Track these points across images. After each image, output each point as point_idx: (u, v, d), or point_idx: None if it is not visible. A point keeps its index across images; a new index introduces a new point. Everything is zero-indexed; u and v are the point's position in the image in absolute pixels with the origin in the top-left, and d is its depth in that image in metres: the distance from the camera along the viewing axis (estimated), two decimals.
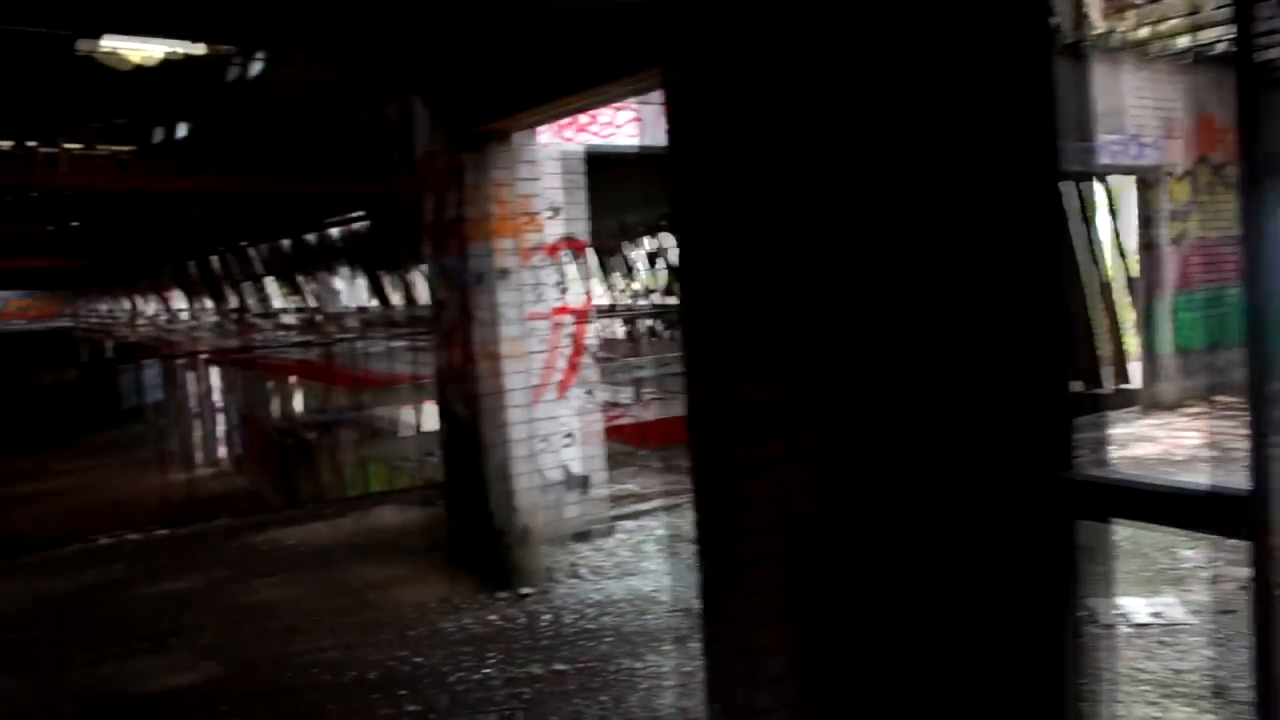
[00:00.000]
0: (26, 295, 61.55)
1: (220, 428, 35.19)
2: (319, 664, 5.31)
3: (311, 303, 33.82)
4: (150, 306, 49.25)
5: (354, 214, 26.40)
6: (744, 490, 3.28)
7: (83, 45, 10.26)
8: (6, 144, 12.96)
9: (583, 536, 6.99)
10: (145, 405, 47.27)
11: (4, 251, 31.12)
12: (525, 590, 6.19)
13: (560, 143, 6.76)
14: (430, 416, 18.42)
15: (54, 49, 10.84)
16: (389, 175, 14.33)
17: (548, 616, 5.85)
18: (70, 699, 5.09)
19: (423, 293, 28.01)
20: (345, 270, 30.71)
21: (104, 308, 60.31)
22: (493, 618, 5.86)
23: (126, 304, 54.89)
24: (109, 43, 10.97)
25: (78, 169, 12.92)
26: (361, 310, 28.95)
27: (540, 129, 6.13)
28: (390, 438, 20.08)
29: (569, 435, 6.68)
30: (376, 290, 29.19)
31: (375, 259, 28.49)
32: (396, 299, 28.65)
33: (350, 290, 31.03)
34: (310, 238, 29.83)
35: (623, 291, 22.70)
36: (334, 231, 28.24)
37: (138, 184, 13.40)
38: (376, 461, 8.85)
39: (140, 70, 11.51)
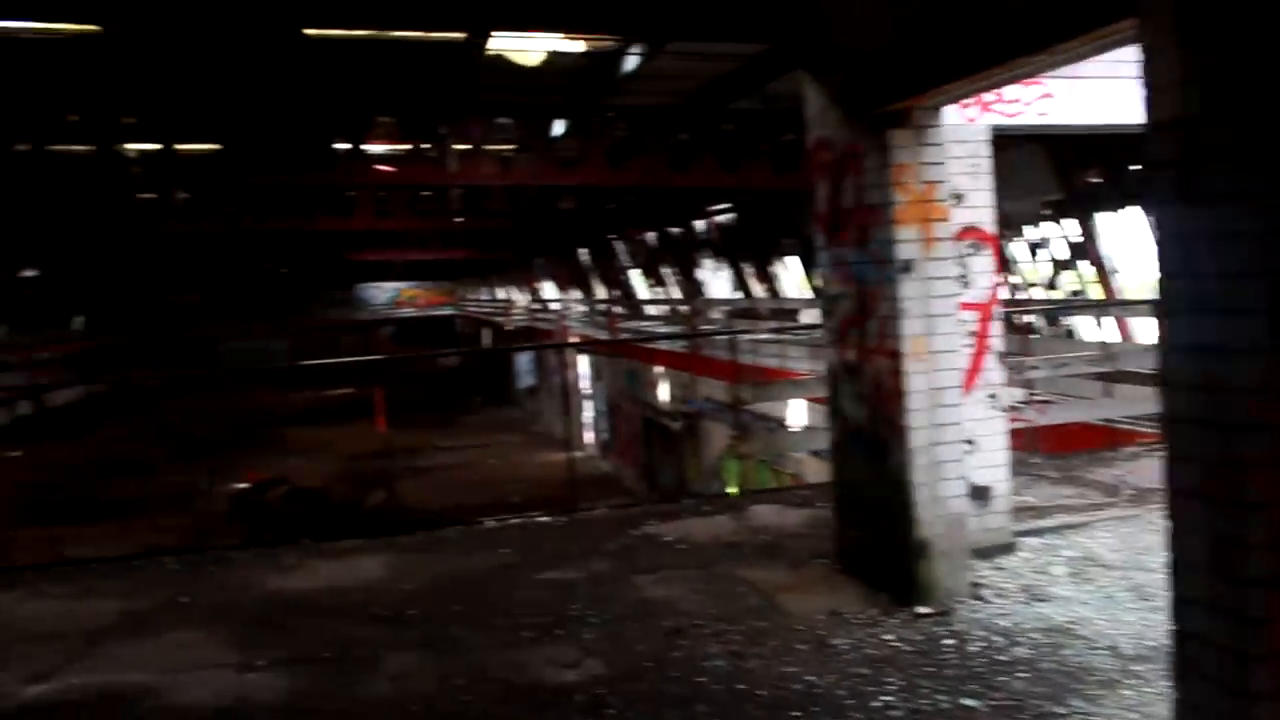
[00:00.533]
0: (415, 285, 67.73)
1: (588, 414, 36.96)
2: (705, 673, 5.07)
3: (675, 294, 34.68)
4: (522, 297, 52.59)
5: (720, 205, 26.66)
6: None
7: (490, 46, 10.80)
8: (404, 146, 13.94)
9: (982, 553, 6.35)
10: (518, 390, 50.76)
11: (398, 244, 34.10)
12: (922, 609, 5.67)
13: (964, 123, 6.17)
14: (803, 413, 18.18)
15: (448, 53, 11.47)
16: (763, 164, 14.18)
17: (949, 641, 5.31)
18: (463, 682, 5.15)
19: (788, 286, 27.90)
20: (710, 263, 31.13)
21: (481, 297, 65.20)
22: (888, 637, 5.40)
23: (501, 294, 58.99)
24: (496, 43, 11.50)
25: (465, 167, 13.76)
26: (726, 303, 29.19)
27: (947, 108, 5.56)
28: (761, 433, 20.06)
29: (969, 442, 6.07)
30: (740, 283, 29.39)
31: (741, 251, 28.69)
32: (760, 291, 28.72)
33: (714, 282, 31.43)
34: (675, 230, 30.50)
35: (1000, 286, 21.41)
36: (699, 224, 28.68)
37: (518, 180, 14.06)
38: (738, 457, 8.64)
39: (522, 70, 12.03)
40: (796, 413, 18.73)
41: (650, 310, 36.05)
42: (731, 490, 23.35)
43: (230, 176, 13.65)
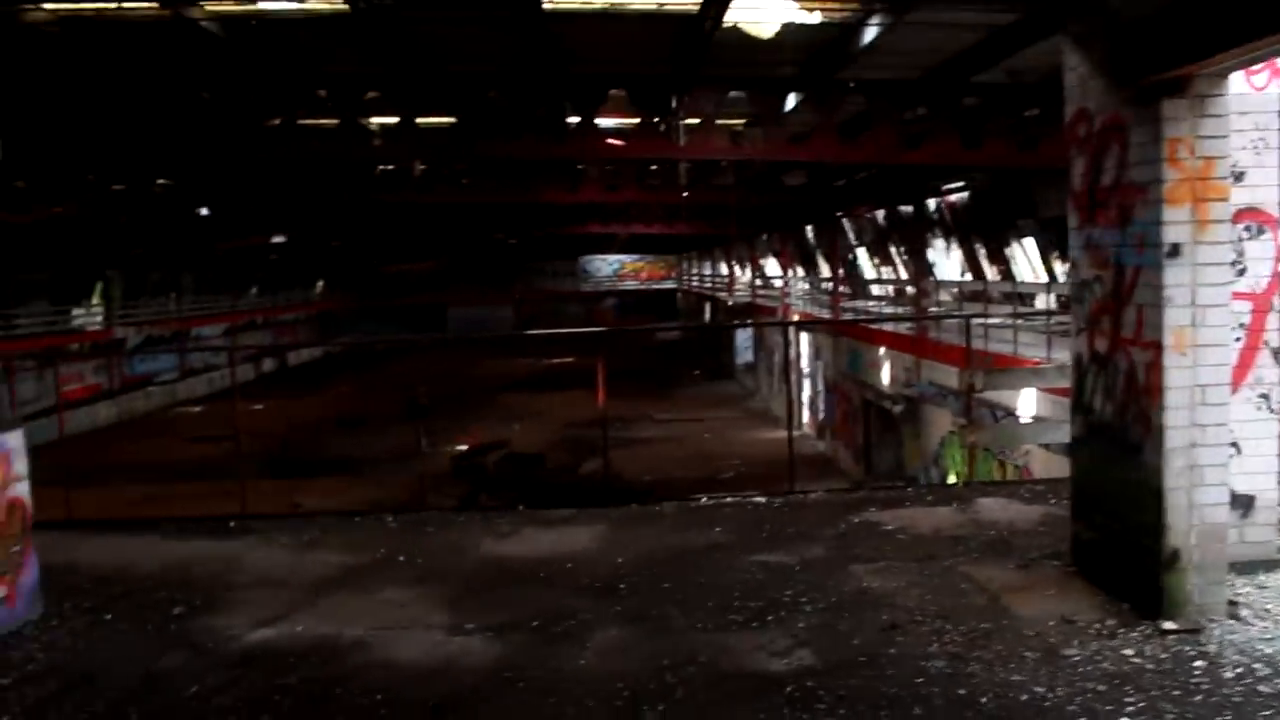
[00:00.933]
0: (638, 259, 68.53)
1: (805, 393, 36.44)
2: (922, 674, 4.80)
3: (902, 274, 33.68)
4: (744, 273, 52.31)
5: (953, 184, 25.64)
6: None
7: (726, 17, 10.63)
8: (634, 120, 13.93)
9: (1242, 569, 5.76)
10: (736, 366, 50.62)
11: (623, 217, 34.44)
12: (1168, 625, 5.18)
13: (1249, 91, 5.55)
14: (1034, 404, 17.26)
15: (682, 25, 11.35)
16: (1004, 141, 13.44)
17: (1199, 664, 4.82)
18: (669, 663, 5.06)
19: (1023, 269, 26.57)
20: (939, 243, 30.06)
21: (704, 272, 65.29)
22: (1127, 652, 4.96)
23: (724, 269, 58.85)
24: (732, 15, 11.28)
25: (695, 141, 13.65)
26: (955, 284, 28.11)
27: (1233, 75, 5.01)
28: (991, 422, 19.22)
29: (1233, 445, 5.51)
30: (972, 264, 28.24)
31: (973, 232, 27.55)
32: (992, 274, 27.50)
33: (943, 263, 30.33)
34: (905, 209, 29.56)
35: None
36: (930, 203, 27.68)
37: (748, 154, 13.86)
38: (965, 446, 8.18)
39: (755, 43, 11.79)
40: (1027, 403, 17.79)
41: (875, 290, 35.19)
42: (953, 479, 22.53)
43: (464, 149, 14.03)
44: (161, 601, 6.30)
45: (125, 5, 10.00)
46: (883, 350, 26.24)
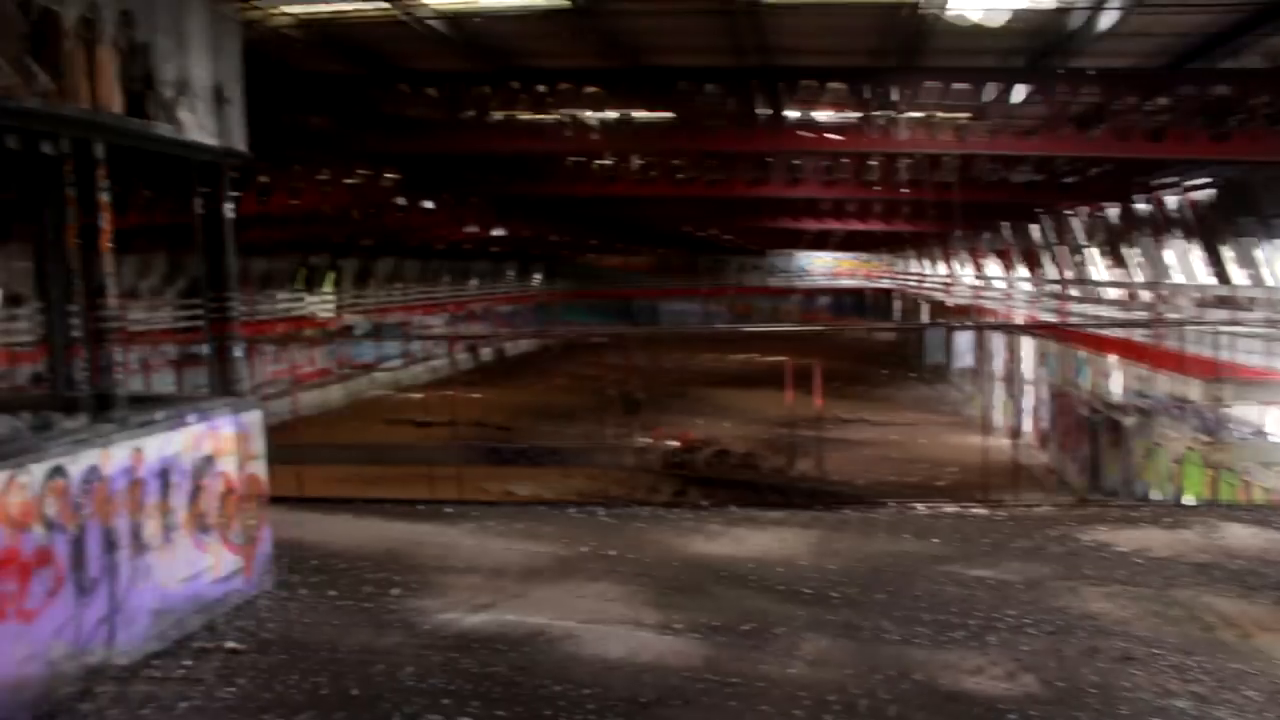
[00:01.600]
0: (854, 256, 67.21)
1: (1028, 400, 34.88)
2: (1162, 713, 4.42)
3: (1137, 277, 31.72)
4: (965, 272, 50.49)
5: (1198, 179, 23.90)
6: None
7: (950, 5, 10.16)
8: (855, 114, 13.54)
9: None
10: (953, 368, 48.95)
11: (842, 213, 33.68)
12: None
13: None
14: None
15: (901, 14, 10.94)
16: (1263, 131, 12.31)
17: None
18: (880, 676, 4.86)
19: (1274, 273, 24.53)
20: (1179, 244, 28.07)
21: (921, 271, 63.35)
22: None
23: (942, 268, 57.01)
24: (957, 2, 10.80)
25: (917, 135, 13.11)
26: (1196, 288, 26.21)
27: None
28: (1239, 441, 17.80)
29: None
30: (1216, 266, 26.29)
31: (1218, 233, 25.63)
32: (1240, 278, 25.52)
33: (1182, 266, 28.36)
34: (1141, 205, 27.78)
35: None
36: (1170, 199, 25.87)
37: (972, 147, 13.21)
38: (1208, 465, 7.49)
39: (980, 31, 11.23)
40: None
41: (1108, 294, 33.19)
42: (1190, 499, 21.05)
43: (682, 142, 13.96)
44: (381, 582, 6.54)
45: (360, 6, 10.45)
46: (1114, 359, 24.82)
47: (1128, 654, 5.05)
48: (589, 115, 14.13)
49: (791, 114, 13.21)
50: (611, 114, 13.50)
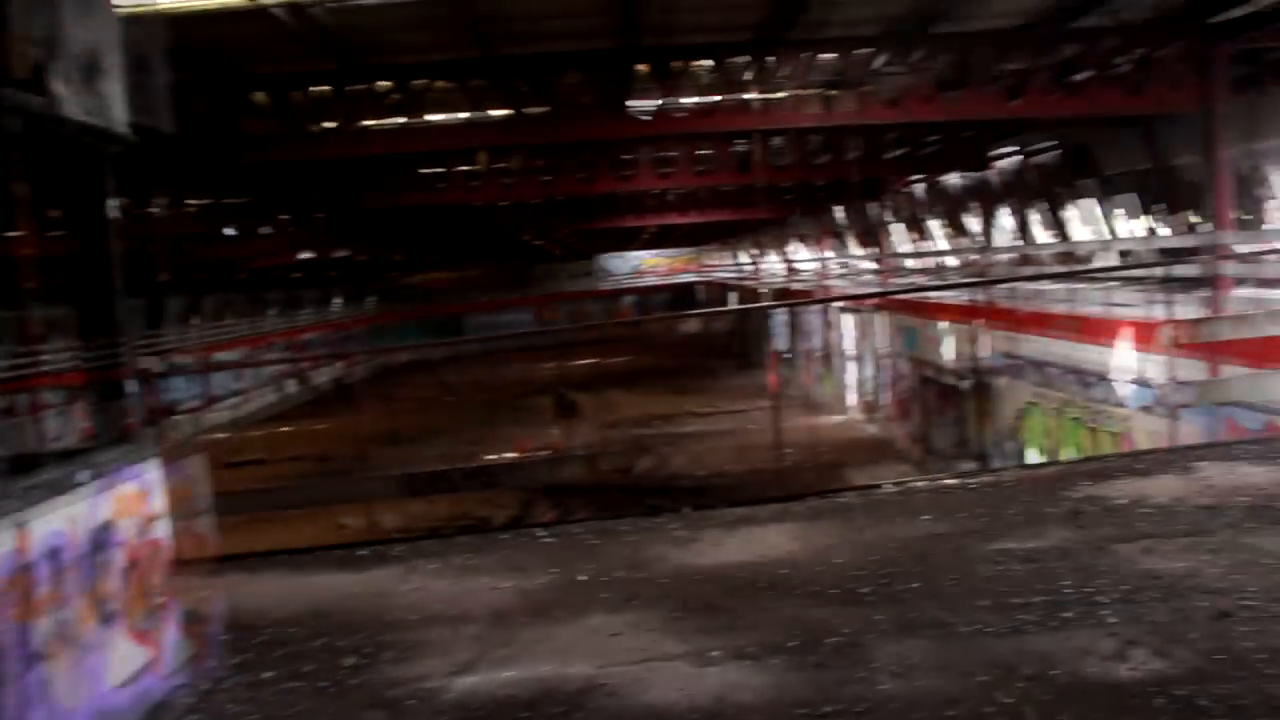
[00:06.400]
0: (688, 252, 67.57)
1: (855, 375, 35.63)
2: None
3: (944, 246, 32.82)
4: (813, 254, 51.24)
5: (1008, 149, 24.76)
6: None
7: None
8: (711, 98, 13.05)
9: None
10: (770, 351, 49.80)
11: (686, 206, 33.39)
12: None
13: None
14: (1132, 362, 16.44)
15: None
16: (1111, 87, 12.60)
17: None
18: (985, 678, 4.28)
19: (1081, 230, 25.63)
20: (991, 210, 29.08)
21: (769, 257, 64.03)
22: None
23: (749, 258, 57.87)
24: None
25: (783, 110, 12.76)
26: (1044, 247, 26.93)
27: None
28: (1078, 387, 18.41)
29: None
30: (1023, 230, 27.38)
31: (1033, 195, 26.69)
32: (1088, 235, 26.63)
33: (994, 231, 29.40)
34: (953, 179, 28.70)
35: None
36: (1001, 165, 26.46)
37: (839, 119, 12.99)
38: (1040, 416, 7.36)
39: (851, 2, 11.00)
40: (1124, 365, 16.96)
41: (945, 262, 34.17)
42: (1034, 452, 21.75)
43: (532, 134, 13.15)
44: (325, 651, 5.47)
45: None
46: (943, 324, 25.43)
47: (1223, 610, 4.64)
48: (443, 114, 13.18)
49: (655, 102, 12.64)
50: (462, 114, 12.58)
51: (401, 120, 12.25)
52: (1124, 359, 16.77)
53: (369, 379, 52.76)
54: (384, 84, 12.60)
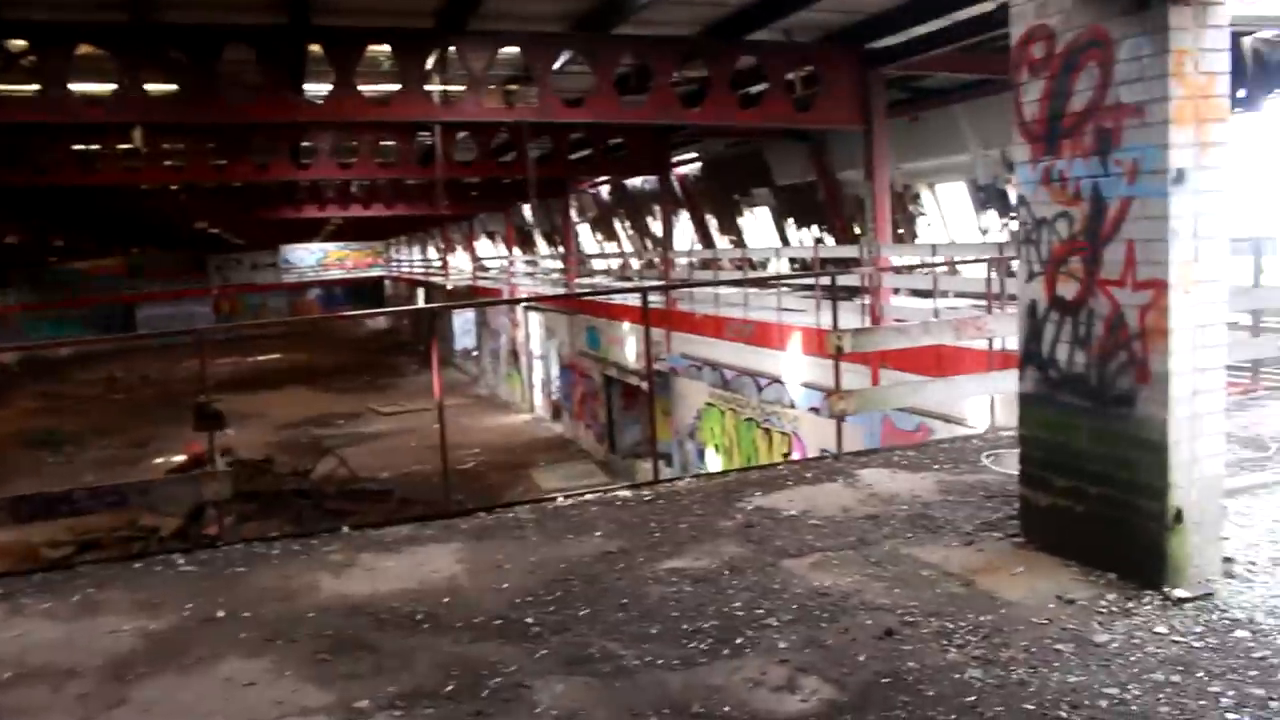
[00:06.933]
0: (346, 247, 65.44)
1: (539, 374, 35.70)
2: (969, 690, 4.01)
3: (628, 249, 33.51)
4: (463, 256, 50.80)
5: (688, 155, 25.51)
6: None
7: None
8: (391, 86, 12.36)
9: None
10: (454, 352, 49.20)
11: (368, 199, 32.18)
12: (1180, 593, 4.70)
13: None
14: (803, 368, 17.23)
15: None
16: (782, 99, 13.05)
17: (1241, 634, 4.34)
18: (654, 717, 4.04)
19: (756, 237, 26.84)
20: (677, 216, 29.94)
21: (418, 256, 63.03)
22: (1161, 630, 4.42)
23: (437, 254, 56.97)
24: None
25: (463, 104, 12.29)
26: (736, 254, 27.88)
27: None
28: (754, 388, 19.13)
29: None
30: (703, 235, 28.40)
31: (710, 200, 27.64)
32: (723, 243, 27.77)
33: (685, 235, 30.26)
34: (636, 183, 29.30)
35: None
36: (679, 171, 27.20)
37: (520, 115, 12.60)
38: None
39: None
40: (793, 369, 17.80)
41: (626, 264, 34.75)
42: (714, 452, 22.47)
43: (194, 112, 11.89)
44: None
45: None
46: (626, 325, 25.83)
47: (888, 629, 4.65)
48: (92, 84, 11.72)
49: (328, 86, 11.80)
50: (114, 86, 11.18)
51: (37, 87, 10.75)
52: (793, 363, 17.57)
53: (20, 373, 47.75)
54: (18, 43, 11.08)
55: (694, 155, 25.57)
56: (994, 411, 9.68)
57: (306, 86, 12.84)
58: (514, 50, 12.02)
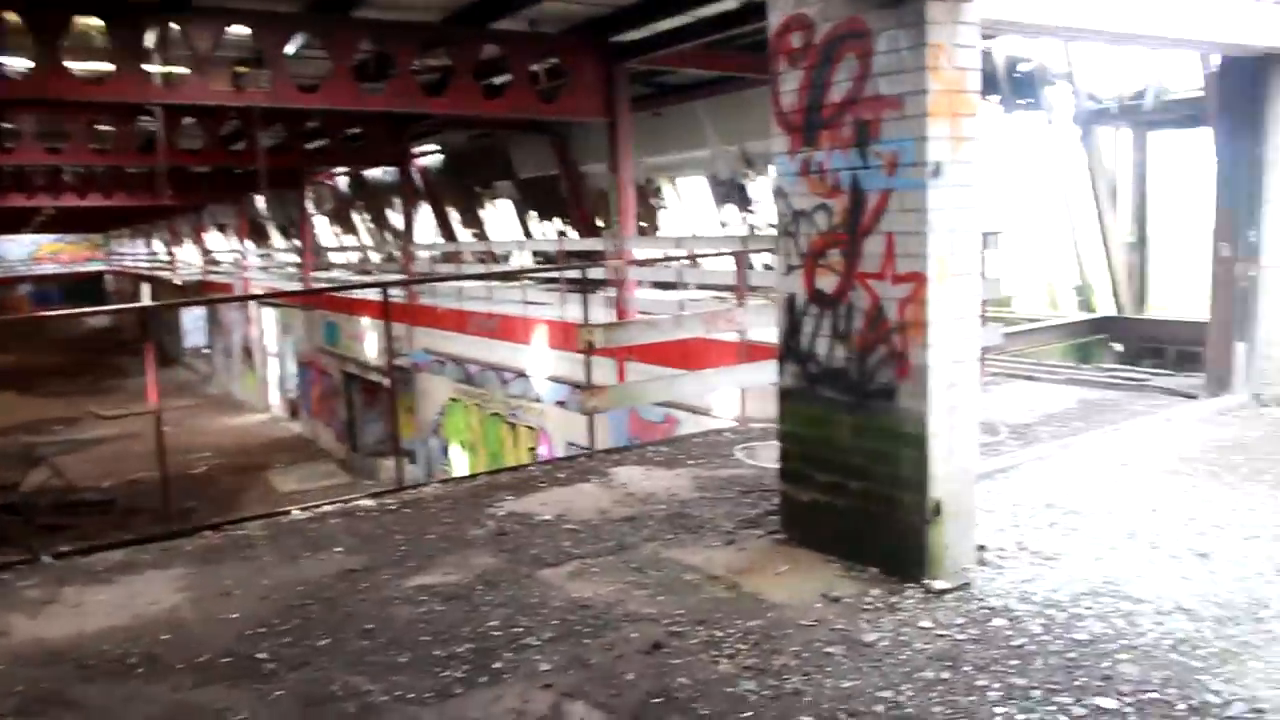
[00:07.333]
0: (62, 239, 60.25)
1: (276, 372, 33.96)
2: (744, 704, 3.81)
3: (368, 242, 32.36)
4: (191, 249, 47.72)
5: (430, 147, 24.81)
6: None
7: None
8: (106, 66, 11.11)
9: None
10: (185, 349, 46.16)
11: (84, 188, 29.45)
12: (939, 585, 4.71)
13: None
14: (548, 361, 16.99)
15: None
16: (526, 90, 12.70)
17: (1000, 623, 4.37)
18: None
19: (499, 230, 26.44)
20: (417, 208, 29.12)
21: (139, 251, 58.75)
22: (926, 624, 4.39)
23: (164, 247, 53.33)
24: None
25: (187, 86, 11.21)
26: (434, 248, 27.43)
27: None
28: (499, 383, 18.72)
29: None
30: (445, 227, 27.72)
31: (453, 193, 26.99)
32: (466, 236, 27.24)
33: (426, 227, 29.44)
34: (375, 173, 28.25)
35: None
36: (421, 163, 26.40)
37: (251, 100, 11.67)
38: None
39: None
40: (539, 361, 17.56)
41: (365, 258, 33.40)
42: (458, 448, 21.95)
43: None
44: None
45: None
46: (366, 320, 24.86)
47: (654, 642, 4.41)
48: None
49: (30, 61, 10.47)
50: None
51: None
52: (538, 357, 17.33)
53: None
54: None
55: (436, 147, 24.90)
56: (744, 403, 9.76)
57: (3, 59, 11.42)
58: (245, 31, 11.08)
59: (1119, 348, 14.03)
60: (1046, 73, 13.61)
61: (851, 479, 5.04)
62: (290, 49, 11.42)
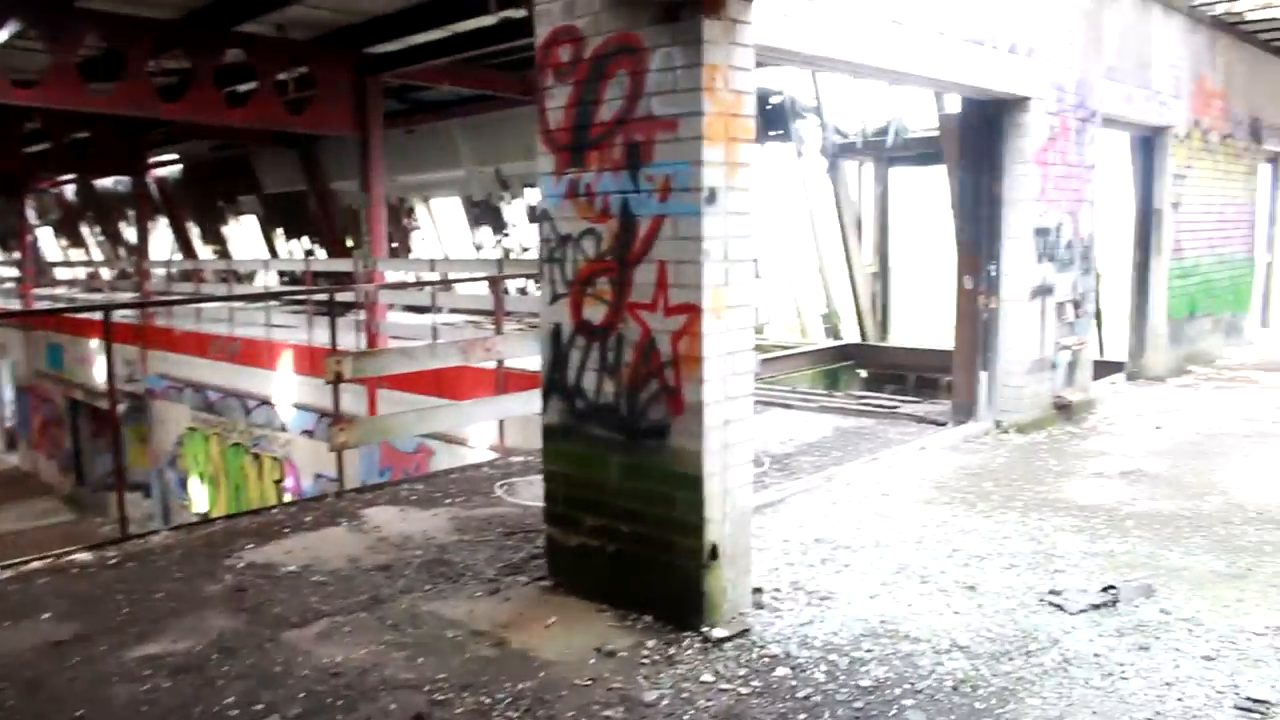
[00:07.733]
0: None
1: None
2: None
3: (97, 255, 29.93)
4: None
5: (168, 156, 23.14)
6: None
7: None
8: None
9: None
10: None
11: None
12: (717, 633, 4.50)
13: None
14: (293, 390, 16.05)
15: None
16: (273, 100, 11.90)
17: (783, 672, 4.19)
18: None
19: (242, 248, 24.99)
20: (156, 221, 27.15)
21: None
22: (708, 679, 4.15)
23: None
24: None
25: None
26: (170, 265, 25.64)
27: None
28: (242, 411, 17.52)
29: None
30: (184, 244, 25.97)
31: (192, 207, 25.29)
32: (207, 253, 25.61)
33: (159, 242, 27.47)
34: (107, 183, 26.13)
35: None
36: (151, 176, 24.58)
37: None
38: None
39: None
40: (284, 389, 16.58)
41: (96, 274, 30.72)
42: (197, 479, 20.50)
43: None
44: None
45: None
46: (95, 343, 22.86)
47: (417, 714, 3.96)
48: None
49: None
50: None
51: None
52: (284, 383, 16.36)
53: None
54: None
55: (174, 156, 23.28)
56: (503, 433, 9.39)
57: None
58: None
59: (863, 374, 14.57)
60: (796, 106, 14.02)
61: (622, 522, 4.77)
62: (1, 36, 10.22)
